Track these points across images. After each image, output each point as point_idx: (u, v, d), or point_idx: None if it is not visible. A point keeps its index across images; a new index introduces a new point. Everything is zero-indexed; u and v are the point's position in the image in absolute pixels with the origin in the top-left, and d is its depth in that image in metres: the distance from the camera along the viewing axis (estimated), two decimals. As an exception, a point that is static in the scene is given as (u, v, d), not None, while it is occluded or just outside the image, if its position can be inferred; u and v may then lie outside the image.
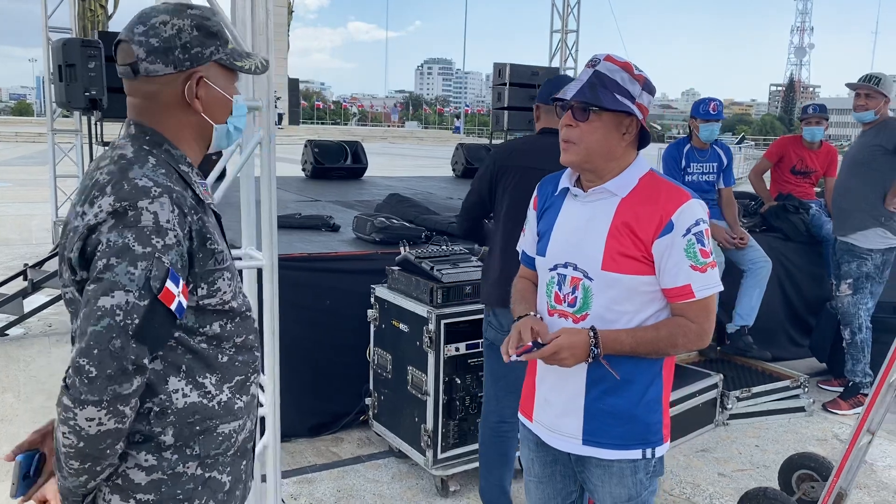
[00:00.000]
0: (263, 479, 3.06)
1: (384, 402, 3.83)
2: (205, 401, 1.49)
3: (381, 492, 3.54)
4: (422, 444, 3.50)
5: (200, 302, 1.47)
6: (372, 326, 3.84)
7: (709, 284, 1.80)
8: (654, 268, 1.80)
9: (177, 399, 1.45)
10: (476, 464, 3.57)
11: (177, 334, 1.44)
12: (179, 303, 1.38)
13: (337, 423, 4.12)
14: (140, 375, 1.34)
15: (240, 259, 2.94)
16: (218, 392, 1.51)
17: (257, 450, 2.94)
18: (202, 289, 1.46)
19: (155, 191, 1.37)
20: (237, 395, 1.55)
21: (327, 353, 4.07)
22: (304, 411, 3.99)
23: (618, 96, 1.78)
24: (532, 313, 1.93)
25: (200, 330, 1.49)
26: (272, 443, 2.95)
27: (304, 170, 9.25)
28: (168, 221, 1.36)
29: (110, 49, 6.11)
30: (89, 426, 1.30)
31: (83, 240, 1.36)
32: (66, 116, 9.07)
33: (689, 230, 1.77)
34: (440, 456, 3.50)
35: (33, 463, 1.51)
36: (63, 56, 6.49)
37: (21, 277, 6.41)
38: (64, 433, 1.32)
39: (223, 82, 1.53)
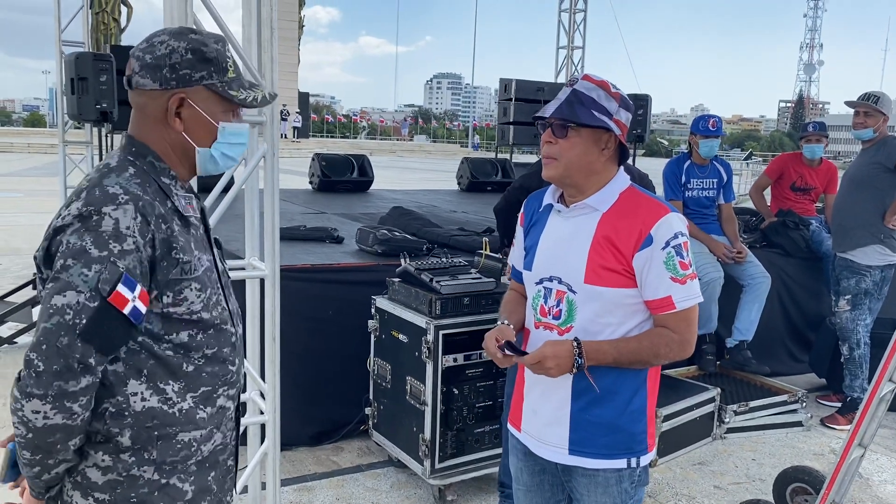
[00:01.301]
0: (263, 486, 3.12)
1: (383, 412, 3.89)
2: (165, 407, 1.51)
3: (380, 500, 3.58)
4: (420, 453, 3.54)
5: (165, 310, 1.50)
6: (372, 337, 3.90)
7: (689, 296, 1.85)
8: (636, 280, 1.85)
9: (135, 402, 1.48)
10: (474, 474, 3.63)
11: (140, 339, 1.48)
12: (135, 307, 1.41)
13: (338, 432, 4.17)
14: (88, 374, 1.38)
15: (243, 269, 3.01)
16: (180, 400, 1.53)
17: (257, 457, 3.01)
18: (167, 297, 1.49)
19: (122, 198, 1.42)
20: (200, 406, 1.57)
21: (329, 362, 4.13)
22: (305, 420, 4.05)
23: (595, 113, 1.84)
24: (505, 322, 2.00)
25: (167, 337, 1.51)
26: (272, 450, 3.01)
27: (311, 183, 9.34)
28: (128, 228, 1.40)
29: (122, 63, 6.22)
30: (35, 418, 1.36)
31: (48, 240, 1.43)
32: (78, 128, 9.20)
33: (668, 243, 1.83)
34: (438, 466, 3.54)
35: None
36: (76, 69, 6.62)
37: (31, 286, 6.51)
38: (14, 423, 1.39)
39: (212, 108, 1.56)
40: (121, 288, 1.39)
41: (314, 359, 4.10)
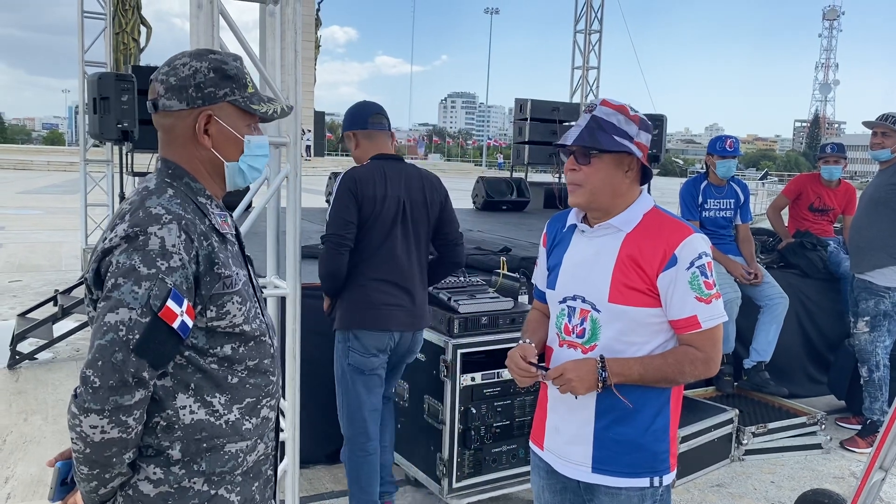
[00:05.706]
0: None
1: (401, 431, 3.89)
2: (212, 419, 1.56)
3: (397, 519, 3.58)
4: (437, 472, 3.55)
5: (210, 324, 1.54)
6: (390, 355, 3.90)
7: (714, 315, 1.87)
8: (660, 300, 1.87)
9: (184, 415, 1.52)
10: (491, 493, 3.62)
11: (187, 353, 1.52)
12: (183, 322, 1.46)
13: (355, 450, 4.17)
14: (142, 388, 1.42)
15: (264, 288, 3.04)
16: (226, 412, 1.58)
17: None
18: (211, 311, 1.53)
19: (166, 217, 1.47)
20: (246, 417, 1.62)
21: (346, 381, 4.13)
22: (322, 438, 4.05)
23: (616, 137, 1.88)
24: (527, 340, 2.01)
25: (211, 351, 1.56)
26: (291, 468, 3.02)
27: (327, 201, 9.41)
28: (174, 246, 1.46)
29: (143, 83, 6.28)
30: (93, 433, 1.40)
31: (98, 262, 1.48)
32: (97, 146, 9.35)
33: (692, 263, 1.85)
34: (455, 485, 3.54)
35: (71, 471, 1.59)
36: (98, 89, 6.73)
37: (52, 303, 6.59)
38: (72, 439, 1.43)
39: (236, 123, 1.62)
40: (170, 303, 1.44)
41: (331, 377, 4.10)
